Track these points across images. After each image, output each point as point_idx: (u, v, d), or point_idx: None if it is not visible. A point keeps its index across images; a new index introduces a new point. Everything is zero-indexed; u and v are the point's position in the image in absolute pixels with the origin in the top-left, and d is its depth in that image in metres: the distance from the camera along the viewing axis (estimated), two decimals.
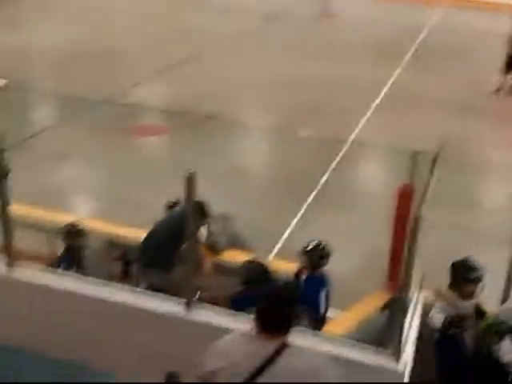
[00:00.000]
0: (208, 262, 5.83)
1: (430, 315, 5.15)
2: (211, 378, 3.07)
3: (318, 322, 5.45)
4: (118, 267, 6.05)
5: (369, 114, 12.27)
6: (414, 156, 5.00)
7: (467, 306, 5.21)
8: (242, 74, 14.19)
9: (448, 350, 5.16)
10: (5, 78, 7.51)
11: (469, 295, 5.22)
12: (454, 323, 5.09)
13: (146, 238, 5.88)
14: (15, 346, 3.90)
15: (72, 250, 5.63)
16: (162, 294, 4.51)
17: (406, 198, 5.10)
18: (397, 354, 3.98)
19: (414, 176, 5.01)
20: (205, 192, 6.05)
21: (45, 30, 17.04)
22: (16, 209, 5.04)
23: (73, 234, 5.68)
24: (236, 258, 5.85)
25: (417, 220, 3.69)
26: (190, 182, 4.05)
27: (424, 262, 4.99)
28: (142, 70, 14.16)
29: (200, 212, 5.62)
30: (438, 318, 5.12)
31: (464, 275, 5.18)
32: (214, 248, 6.13)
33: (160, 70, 14.10)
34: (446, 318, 5.10)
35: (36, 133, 10.88)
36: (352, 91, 13.43)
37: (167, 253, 5.50)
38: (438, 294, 5.28)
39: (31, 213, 6.33)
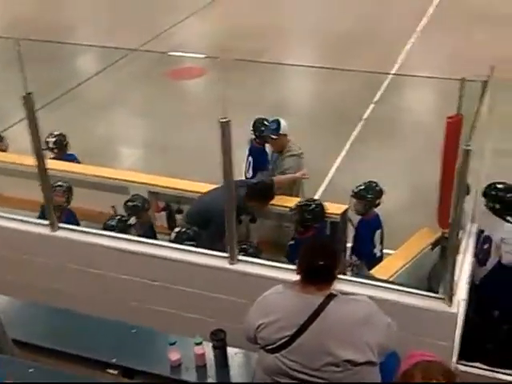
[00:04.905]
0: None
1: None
2: (259, 332, 3.02)
3: (373, 265, 5.29)
4: (161, 219, 6.00)
5: (415, 37, 11.71)
6: (462, 83, 4.66)
7: None
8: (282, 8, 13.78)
9: None
10: None
11: None
12: None
13: (200, 202, 5.56)
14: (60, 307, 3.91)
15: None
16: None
17: (454, 129, 4.82)
18: (449, 296, 3.83)
19: (462, 105, 4.68)
20: (248, 130, 5.95)
21: None
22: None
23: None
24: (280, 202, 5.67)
25: (467, 153, 3.47)
26: (226, 128, 3.83)
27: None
28: (179, 11, 13.86)
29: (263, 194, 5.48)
30: None
31: None
32: None
33: (197, 10, 13.77)
34: None
35: (79, 83, 10.83)
36: (397, 11, 12.81)
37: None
38: None
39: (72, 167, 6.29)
